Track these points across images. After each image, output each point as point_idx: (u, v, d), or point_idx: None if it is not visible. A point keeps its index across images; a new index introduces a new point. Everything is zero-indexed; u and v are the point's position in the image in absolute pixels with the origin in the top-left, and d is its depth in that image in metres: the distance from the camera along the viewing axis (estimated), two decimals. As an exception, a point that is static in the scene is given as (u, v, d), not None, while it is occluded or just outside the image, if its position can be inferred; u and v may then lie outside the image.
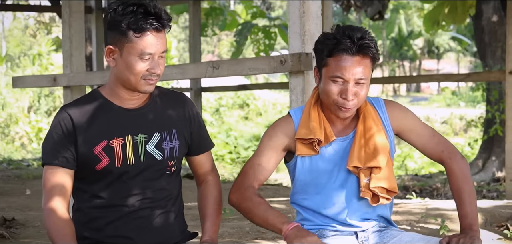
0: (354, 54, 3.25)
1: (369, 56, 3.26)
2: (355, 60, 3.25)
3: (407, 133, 3.47)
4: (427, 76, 13.36)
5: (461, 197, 3.36)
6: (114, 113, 3.27)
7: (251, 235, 5.74)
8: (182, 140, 3.37)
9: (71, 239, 3.14)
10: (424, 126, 3.49)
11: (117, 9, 3.15)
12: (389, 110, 3.46)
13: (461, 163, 3.41)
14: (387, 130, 3.42)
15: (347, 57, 3.25)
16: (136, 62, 3.16)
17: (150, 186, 3.29)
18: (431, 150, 3.46)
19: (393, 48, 47.21)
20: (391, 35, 45.82)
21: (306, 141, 3.38)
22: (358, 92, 3.27)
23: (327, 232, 3.44)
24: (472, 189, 3.40)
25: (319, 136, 3.34)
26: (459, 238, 3.21)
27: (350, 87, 3.26)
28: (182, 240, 3.43)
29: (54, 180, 3.21)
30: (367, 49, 3.24)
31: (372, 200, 3.34)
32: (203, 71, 5.10)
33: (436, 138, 3.46)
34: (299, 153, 3.39)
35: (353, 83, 3.26)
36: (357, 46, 3.23)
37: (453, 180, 3.40)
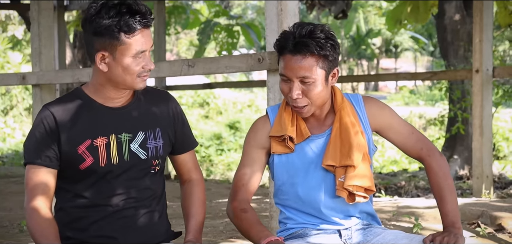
0: (293, 52, 3.23)
1: (312, 54, 3.21)
2: (296, 59, 3.23)
3: (385, 131, 3.46)
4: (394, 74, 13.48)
5: (442, 195, 3.36)
6: (97, 112, 3.23)
7: (225, 234, 5.72)
8: (166, 138, 3.35)
9: (55, 239, 3.10)
10: (403, 123, 3.47)
11: (100, 13, 3.09)
12: (367, 107, 3.45)
13: (440, 160, 3.42)
14: (365, 128, 3.41)
15: (288, 55, 3.25)
16: (131, 62, 3.13)
17: (134, 185, 3.26)
18: (410, 148, 3.46)
19: (351, 47, 47.44)
20: (349, 34, 46.03)
21: (279, 139, 3.38)
22: (306, 91, 3.25)
23: (311, 231, 3.43)
24: (452, 187, 3.40)
25: (290, 133, 3.34)
26: (443, 236, 3.20)
27: (294, 86, 3.25)
28: (166, 240, 3.41)
29: (36, 180, 3.17)
30: (305, 48, 3.21)
31: (349, 199, 3.33)
32: (178, 69, 5.06)
33: (415, 136, 3.46)
34: (274, 151, 3.39)
35: (298, 82, 3.24)
36: (294, 43, 3.23)
37: (433, 178, 3.41)
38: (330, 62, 3.26)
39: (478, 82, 8.55)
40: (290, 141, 3.36)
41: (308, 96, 3.26)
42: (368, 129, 3.42)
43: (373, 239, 3.39)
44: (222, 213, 6.93)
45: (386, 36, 44.25)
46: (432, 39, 39.84)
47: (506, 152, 18.75)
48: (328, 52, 3.23)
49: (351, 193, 3.32)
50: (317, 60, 3.22)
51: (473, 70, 8.63)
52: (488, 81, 8.56)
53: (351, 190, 3.30)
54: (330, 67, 3.27)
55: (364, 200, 3.35)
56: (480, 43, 8.46)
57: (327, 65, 3.25)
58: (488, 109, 8.60)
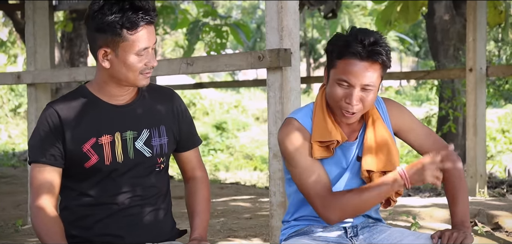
0: (363, 59, 3.17)
1: (379, 63, 3.18)
2: (364, 66, 3.18)
3: (405, 133, 3.46)
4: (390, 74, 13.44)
5: (455, 195, 3.35)
6: (102, 110, 3.21)
7: (223, 234, 5.70)
8: (171, 136, 3.33)
9: (60, 237, 3.08)
10: (421, 125, 3.49)
11: (103, 9, 3.08)
12: (389, 109, 3.44)
13: (457, 161, 3.40)
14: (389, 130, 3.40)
15: (355, 61, 3.17)
16: (134, 59, 3.12)
17: (139, 183, 3.24)
18: (428, 149, 3.41)
19: (337, 48, 47.50)
20: (335, 35, 46.09)
21: (323, 144, 3.30)
22: (364, 98, 3.21)
23: (316, 228, 3.41)
24: (466, 188, 3.41)
25: (338, 137, 3.28)
26: (452, 232, 3.21)
27: (355, 93, 3.19)
28: (172, 238, 3.39)
29: (41, 178, 3.15)
30: (377, 56, 3.16)
31: (384, 205, 3.35)
32: (177, 67, 5.04)
33: (433, 137, 3.47)
34: (316, 156, 3.28)
35: (359, 89, 3.19)
36: (367, 51, 3.16)
37: (448, 178, 3.38)
38: (385, 70, 3.26)
39: (472, 81, 8.56)
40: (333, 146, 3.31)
41: (364, 103, 3.23)
42: (390, 130, 3.41)
43: (379, 236, 3.38)
44: (217, 213, 6.91)
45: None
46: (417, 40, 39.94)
47: (493, 152, 18.84)
48: (389, 63, 3.23)
49: (386, 200, 3.33)
50: (382, 68, 3.21)
51: (466, 69, 8.64)
52: (482, 80, 8.57)
53: (392, 197, 3.29)
54: (384, 74, 3.27)
55: (394, 203, 3.37)
56: (474, 42, 8.47)
57: (383, 74, 3.25)
58: (482, 108, 8.61)
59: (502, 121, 21.89)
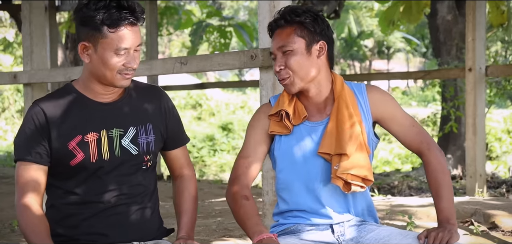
0: (275, 27, 3.39)
1: (289, 23, 3.34)
2: (277, 33, 3.37)
3: (387, 121, 3.44)
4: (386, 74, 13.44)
5: (439, 191, 3.34)
6: (88, 108, 3.21)
7: (218, 233, 5.69)
8: (158, 134, 3.32)
9: (46, 236, 3.08)
10: (405, 115, 3.46)
11: (89, 4, 3.09)
12: (370, 96, 3.43)
13: (439, 156, 3.40)
14: (365, 117, 3.40)
15: (274, 33, 3.42)
16: (111, 57, 3.11)
17: (126, 181, 3.24)
18: (410, 140, 3.44)
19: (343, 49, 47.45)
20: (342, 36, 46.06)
21: (276, 117, 3.40)
22: (287, 62, 3.33)
23: (303, 227, 3.41)
24: (450, 183, 3.38)
25: (286, 108, 3.36)
26: (438, 232, 3.18)
27: (276, 58, 3.38)
28: (158, 236, 3.39)
29: (27, 176, 3.15)
30: (283, 20, 3.36)
31: (345, 188, 3.30)
32: (171, 67, 5.04)
33: (416, 129, 3.44)
34: (272, 130, 3.40)
35: (281, 55, 3.36)
36: (275, 20, 3.40)
37: (431, 173, 3.38)
38: (310, 32, 3.33)
39: (471, 81, 8.54)
40: (287, 119, 3.37)
41: (289, 67, 3.32)
42: (369, 118, 3.41)
43: (366, 235, 3.36)
44: (215, 213, 6.91)
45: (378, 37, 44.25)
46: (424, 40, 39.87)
47: (499, 152, 18.79)
48: (306, 20, 3.32)
49: (347, 182, 3.30)
50: (295, 29, 3.33)
51: (466, 68, 8.63)
52: (481, 80, 8.56)
53: (345, 178, 3.27)
54: (312, 37, 3.33)
55: (361, 190, 3.32)
56: (473, 41, 8.45)
57: (307, 35, 3.33)
58: (481, 108, 8.59)
59: (507, 121, 21.85)
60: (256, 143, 3.43)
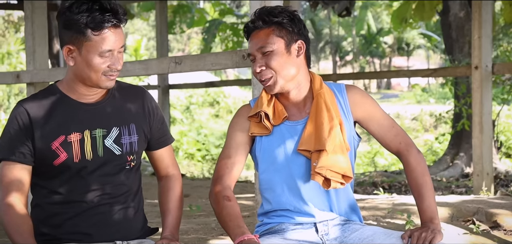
0: (252, 29, 3.41)
1: (267, 24, 3.36)
2: (254, 34, 3.40)
3: (367, 121, 3.47)
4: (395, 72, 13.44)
5: (420, 192, 3.36)
6: (72, 108, 3.23)
7: (216, 232, 5.71)
8: (141, 134, 3.35)
9: (29, 235, 3.12)
10: (384, 116, 3.48)
11: (72, 7, 3.11)
12: (350, 95, 3.46)
13: (418, 156, 3.42)
14: (346, 115, 3.42)
15: (250, 35, 3.43)
16: (96, 60, 3.13)
17: (109, 181, 3.26)
18: (389, 141, 3.46)
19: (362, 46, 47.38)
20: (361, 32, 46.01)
21: (256, 118, 3.42)
22: (268, 62, 3.35)
23: (287, 226, 3.42)
24: (430, 183, 3.40)
25: (265, 109, 3.38)
26: (421, 231, 3.20)
27: (256, 60, 3.39)
28: (142, 236, 3.40)
29: (11, 176, 3.18)
30: (260, 21, 3.38)
31: (324, 184, 3.32)
32: (166, 66, 5.07)
33: (395, 130, 3.46)
34: (252, 131, 3.42)
35: (260, 55, 3.37)
36: (252, 20, 3.42)
37: (410, 174, 3.41)
38: (288, 32, 3.36)
39: (478, 78, 8.51)
40: (266, 120, 3.39)
41: (271, 67, 3.34)
42: (350, 117, 3.43)
43: (350, 234, 3.38)
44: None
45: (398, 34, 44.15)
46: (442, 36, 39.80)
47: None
48: (284, 20, 3.35)
49: (326, 179, 3.31)
50: (273, 29, 3.35)
51: (472, 66, 8.60)
52: (488, 78, 8.52)
53: (324, 174, 3.29)
54: (290, 37, 3.36)
55: (340, 186, 3.34)
56: (479, 39, 8.42)
57: (285, 35, 3.36)
58: (488, 106, 8.55)
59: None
60: (237, 144, 3.45)
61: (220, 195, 3.36)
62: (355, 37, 47.02)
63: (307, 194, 3.38)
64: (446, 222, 6.12)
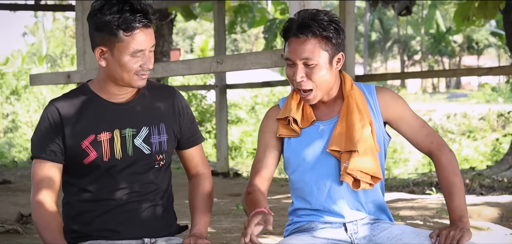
0: (296, 35, 3.29)
1: (315, 36, 3.26)
2: (298, 42, 3.29)
3: (397, 122, 3.45)
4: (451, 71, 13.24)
5: (451, 190, 3.35)
6: (102, 107, 3.28)
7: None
8: (171, 134, 3.38)
9: (57, 232, 3.18)
10: (415, 116, 3.47)
11: (102, 9, 3.15)
12: (380, 97, 3.44)
13: (450, 155, 3.41)
14: (375, 116, 3.41)
15: (292, 39, 3.31)
16: (128, 60, 3.18)
17: (137, 180, 3.30)
18: (420, 141, 3.45)
19: (431, 45, 46.87)
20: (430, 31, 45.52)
21: (284, 121, 3.42)
22: (310, 74, 3.29)
23: (317, 225, 3.44)
24: (461, 182, 3.38)
25: (293, 114, 3.38)
26: (449, 230, 3.19)
27: (298, 69, 3.29)
28: (171, 233, 3.44)
29: (42, 174, 3.24)
30: (307, 29, 3.26)
31: (354, 185, 3.32)
32: (208, 66, 5.13)
33: (426, 130, 3.45)
34: (280, 133, 3.43)
35: (302, 64, 3.29)
36: (297, 26, 3.29)
37: (442, 173, 3.39)
38: (333, 45, 3.29)
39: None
40: (295, 124, 3.39)
41: (312, 80, 3.29)
42: (379, 118, 3.42)
43: (379, 233, 3.38)
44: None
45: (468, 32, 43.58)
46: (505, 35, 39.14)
47: None
48: (331, 34, 3.27)
49: (356, 180, 3.31)
50: (319, 41, 3.27)
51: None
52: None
53: (354, 175, 3.29)
54: (334, 50, 3.31)
55: (369, 187, 3.34)
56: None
57: (330, 48, 3.29)
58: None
59: None
60: (268, 147, 3.47)
61: (245, 194, 3.40)
62: (424, 36, 46.51)
63: (336, 195, 3.39)
64: (495, 222, 6.07)
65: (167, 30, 17.97)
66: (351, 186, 3.33)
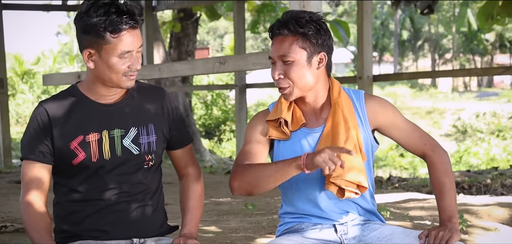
0: (276, 33, 3.33)
1: (291, 33, 3.28)
2: (278, 39, 3.32)
3: (388, 129, 3.45)
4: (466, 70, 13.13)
5: (442, 190, 3.34)
6: (90, 108, 3.30)
7: (266, 230, 5.72)
8: (160, 134, 3.39)
9: (45, 232, 3.20)
10: (405, 121, 3.45)
11: (89, 12, 3.17)
12: (368, 104, 3.43)
13: (443, 156, 3.40)
14: (363, 124, 3.40)
15: (274, 39, 3.35)
16: (116, 62, 3.19)
17: (126, 180, 3.32)
18: (413, 145, 3.44)
19: (462, 43, 46.58)
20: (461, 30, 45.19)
21: (275, 123, 3.41)
22: (287, 72, 3.30)
23: (307, 226, 3.44)
24: (452, 182, 3.38)
25: (284, 116, 3.37)
26: (438, 230, 3.19)
27: (275, 67, 3.33)
28: (161, 234, 3.46)
29: (31, 174, 3.27)
30: (285, 27, 3.29)
31: (339, 194, 3.30)
32: (211, 66, 5.15)
33: (418, 133, 3.44)
34: (270, 135, 3.42)
35: (280, 62, 3.31)
36: (277, 25, 3.33)
37: (434, 173, 3.38)
38: (312, 44, 3.29)
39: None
40: (285, 126, 3.39)
41: (289, 77, 3.30)
42: (367, 126, 3.41)
43: (369, 234, 3.37)
44: (275, 210, 6.93)
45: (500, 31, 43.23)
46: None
47: None
48: (309, 32, 3.28)
49: (341, 188, 3.30)
50: (296, 39, 3.28)
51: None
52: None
53: (338, 184, 3.27)
54: (313, 49, 3.30)
55: (355, 196, 3.31)
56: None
57: (309, 46, 3.29)
58: None
59: None
60: (257, 141, 3.45)
61: (246, 165, 3.35)
62: (455, 34, 46.21)
63: (323, 202, 3.40)
64: (505, 223, 6.03)
65: (192, 29, 18.06)
66: (336, 194, 3.31)
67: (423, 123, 30.54)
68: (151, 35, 13.41)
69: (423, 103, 34.92)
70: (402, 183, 11.72)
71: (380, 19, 48.49)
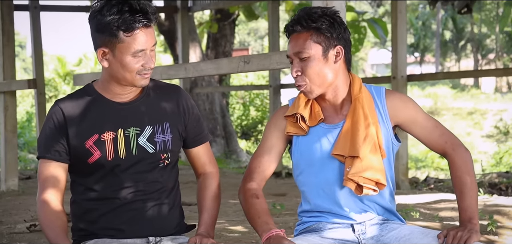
0: (291, 31, 3.34)
1: (305, 28, 3.28)
2: (293, 37, 3.33)
3: (409, 125, 3.41)
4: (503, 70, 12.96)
5: (463, 190, 3.29)
6: (106, 107, 3.31)
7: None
8: (176, 133, 3.39)
9: (61, 231, 3.20)
10: (427, 117, 3.42)
11: (102, 11, 3.18)
12: (389, 100, 3.40)
13: (465, 155, 3.35)
14: (383, 121, 3.37)
15: (290, 37, 3.35)
16: (130, 60, 3.20)
17: (142, 178, 3.32)
18: (434, 142, 3.40)
19: (506, 43, 46.07)
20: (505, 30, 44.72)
21: (292, 119, 3.40)
22: (304, 69, 3.29)
23: (325, 225, 3.42)
24: (473, 182, 3.32)
25: (301, 112, 3.36)
26: (457, 231, 3.14)
27: (293, 64, 3.34)
28: (178, 232, 3.45)
29: (47, 173, 3.28)
30: (298, 24, 3.29)
31: (357, 190, 3.29)
32: (235, 65, 5.15)
33: (439, 130, 3.40)
34: (287, 130, 3.41)
35: (297, 60, 3.30)
36: (292, 23, 3.34)
37: (455, 172, 3.33)
38: (327, 37, 3.28)
39: None
40: (303, 121, 3.38)
41: (306, 74, 3.29)
42: (387, 122, 3.38)
43: (387, 234, 3.35)
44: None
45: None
46: None
47: None
48: (322, 25, 3.27)
49: (359, 185, 3.28)
50: (310, 34, 3.28)
51: None
52: None
53: (357, 181, 3.26)
54: (329, 43, 3.29)
55: (373, 193, 3.30)
56: None
57: (323, 40, 3.28)
58: None
59: None
60: (272, 143, 3.46)
61: (248, 193, 3.39)
62: (499, 34, 45.70)
63: (342, 199, 3.38)
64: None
65: (229, 30, 18.08)
66: (354, 191, 3.30)
67: (464, 124, 30.26)
68: (187, 35, 13.43)
69: (464, 103, 34.61)
70: (438, 184, 11.62)
71: (421, 20, 48.16)
